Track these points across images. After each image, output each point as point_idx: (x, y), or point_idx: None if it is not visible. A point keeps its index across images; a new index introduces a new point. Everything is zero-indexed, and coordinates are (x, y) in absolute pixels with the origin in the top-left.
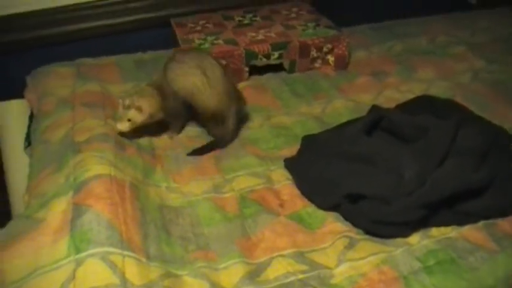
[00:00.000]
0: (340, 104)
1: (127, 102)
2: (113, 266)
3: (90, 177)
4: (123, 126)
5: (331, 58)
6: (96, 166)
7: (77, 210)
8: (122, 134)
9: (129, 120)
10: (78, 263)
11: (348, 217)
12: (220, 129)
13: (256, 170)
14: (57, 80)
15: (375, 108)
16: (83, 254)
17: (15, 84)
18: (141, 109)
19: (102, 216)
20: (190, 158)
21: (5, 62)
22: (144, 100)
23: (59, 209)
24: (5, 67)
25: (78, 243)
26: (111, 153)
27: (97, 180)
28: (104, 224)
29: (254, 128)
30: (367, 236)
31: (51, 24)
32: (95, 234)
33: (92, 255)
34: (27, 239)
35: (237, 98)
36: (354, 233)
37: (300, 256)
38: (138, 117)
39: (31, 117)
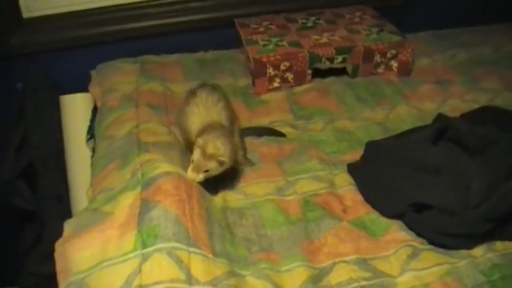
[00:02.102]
0: (404, 111)
1: (209, 150)
2: (178, 261)
3: (159, 174)
4: (198, 178)
5: (394, 64)
6: (165, 164)
7: (145, 205)
8: None
9: (206, 171)
10: (145, 258)
11: (412, 226)
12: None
13: (319, 174)
14: (121, 76)
15: (441, 117)
16: (150, 249)
17: (80, 78)
18: (224, 164)
19: (169, 212)
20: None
21: (71, 56)
22: (228, 151)
23: (126, 204)
24: (70, 61)
25: (145, 238)
26: (178, 160)
27: (166, 177)
28: (171, 219)
29: (316, 130)
30: (430, 247)
31: (116, 21)
32: (162, 229)
33: (158, 250)
34: (95, 231)
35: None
36: (417, 242)
37: (363, 263)
38: (217, 171)
39: (94, 110)
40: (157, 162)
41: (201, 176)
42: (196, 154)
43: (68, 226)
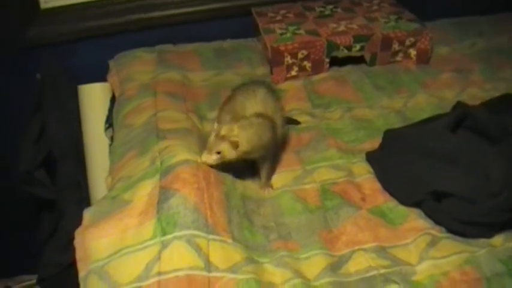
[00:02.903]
0: (423, 99)
1: (223, 131)
2: (198, 249)
3: (178, 162)
4: (209, 159)
5: (413, 52)
6: (183, 153)
7: (164, 193)
8: None
9: (218, 153)
10: (164, 245)
11: (430, 214)
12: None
13: (338, 163)
14: (139, 65)
15: (459, 105)
16: (169, 236)
17: (98, 68)
18: (237, 145)
19: (188, 200)
20: None
21: (89, 46)
22: (245, 135)
23: (145, 192)
24: (89, 51)
25: (165, 226)
26: (196, 145)
27: (184, 165)
28: (190, 207)
29: (334, 119)
30: (449, 235)
31: (133, 11)
32: (181, 217)
33: (178, 237)
34: (114, 219)
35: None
36: (436, 231)
37: (381, 251)
38: (230, 154)
39: (112, 100)
40: (175, 150)
41: (213, 158)
42: (211, 137)
43: (88, 214)
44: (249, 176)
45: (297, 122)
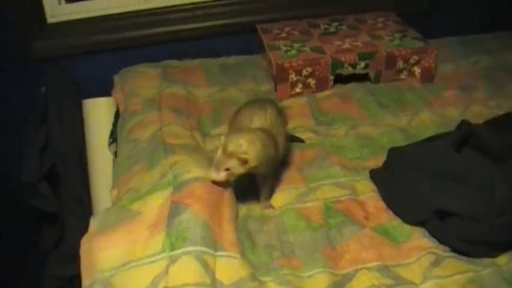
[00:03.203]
0: (427, 117)
1: (230, 148)
2: (205, 265)
3: (192, 179)
4: (219, 176)
5: (417, 70)
6: (197, 169)
7: (176, 208)
8: None
9: (227, 169)
10: (173, 260)
11: (434, 233)
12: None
13: (341, 180)
14: (144, 81)
15: (464, 124)
16: (178, 251)
17: (103, 83)
18: (246, 161)
19: (199, 216)
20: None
21: (94, 61)
22: (253, 150)
23: (155, 204)
24: (94, 66)
25: (174, 241)
26: (204, 161)
27: (199, 182)
28: (200, 224)
29: (338, 136)
30: (453, 254)
31: (139, 26)
32: (191, 233)
33: (186, 253)
34: (122, 230)
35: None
36: (440, 250)
37: (385, 270)
38: (239, 170)
39: (116, 115)
40: (188, 166)
41: (222, 175)
42: (218, 153)
43: (95, 222)
44: (252, 197)
45: (301, 140)
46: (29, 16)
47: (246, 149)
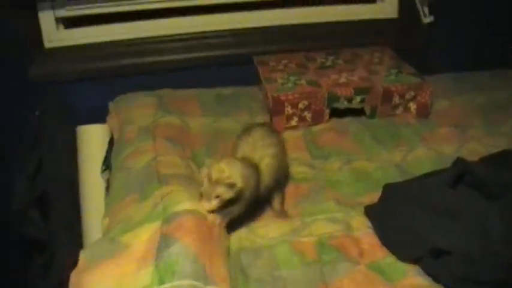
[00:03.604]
0: (422, 153)
1: (214, 176)
2: None
3: (183, 211)
4: (211, 205)
5: (413, 106)
6: (188, 201)
7: (165, 241)
8: None
9: (217, 197)
10: None
11: (429, 271)
12: None
13: (336, 216)
14: (139, 109)
15: (459, 161)
16: (167, 285)
17: (98, 109)
18: (233, 185)
19: (189, 249)
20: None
21: (90, 87)
22: (235, 172)
23: (144, 237)
24: (89, 92)
25: (163, 274)
26: (198, 192)
27: (189, 215)
28: (190, 257)
29: (333, 170)
30: None
31: (135, 54)
32: (180, 266)
33: (175, 287)
34: (111, 264)
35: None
36: None
37: None
38: (229, 194)
39: (110, 142)
40: (180, 197)
41: (214, 203)
42: (204, 183)
43: (84, 255)
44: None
45: None
46: (26, 40)
47: (229, 173)
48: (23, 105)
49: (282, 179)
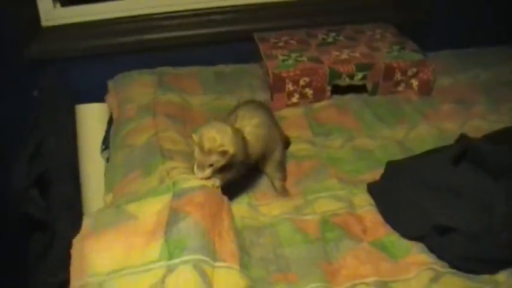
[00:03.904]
0: (424, 130)
1: (206, 145)
2: (203, 275)
3: (193, 187)
4: (205, 174)
5: (415, 83)
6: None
7: (175, 215)
8: None
9: (210, 165)
10: (170, 269)
11: (433, 249)
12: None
13: (338, 193)
14: (138, 87)
15: (463, 138)
16: (176, 260)
17: (97, 88)
18: (226, 153)
19: (198, 225)
20: None
21: (89, 66)
22: (228, 137)
23: (153, 210)
24: (88, 71)
25: (172, 249)
26: None
27: (200, 190)
28: (199, 232)
29: (335, 147)
30: (452, 270)
31: (134, 32)
32: (190, 242)
33: (184, 262)
34: (118, 233)
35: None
36: (439, 266)
37: (383, 285)
38: (222, 162)
39: (110, 121)
40: (187, 173)
41: (207, 172)
42: (196, 152)
43: (87, 222)
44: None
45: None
46: (24, 19)
47: (221, 141)
48: (21, 85)
49: (273, 148)
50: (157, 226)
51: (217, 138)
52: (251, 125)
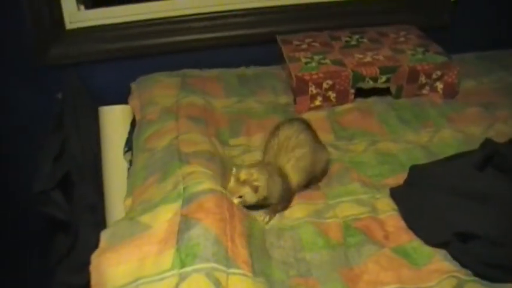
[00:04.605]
0: (449, 134)
1: (243, 176)
2: (217, 283)
3: (202, 191)
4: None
5: (439, 86)
6: (208, 181)
7: (186, 222)
8: None
9: (240, 197)
10: (182, 277)
11: (456, 256)
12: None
13: (361, 198)
14: (161, 89)
15: (488, 142)
16: (188, 269)
17: (120, 90)
18: (258, 190)
19: (210, 231)
20: None
21: (112, 68)
22: (263, 179)
23: (165, 218)
24: (111, 73)
25: (184, 257)
26: (218, 173)
27: (209, 195)
28: (211, 239)
29: (358, 151)
30: (476, 278)
31: (157, 34)
32: (201, 249)
33: (197, 270)
34: (132, 245)
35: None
36: (462, 273)
37: None
38: (252, 198)
39: (133, 123)
40: (200, 177)
41: (235, 202)
42: (231, 181)
43: (105, 237)
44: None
45: None
46: (48, 22)
47: (257, 177)
48: (45, 87)
49: (319, 172)
50: (169, 234)
51: (255, 174)
52: (294, 158)
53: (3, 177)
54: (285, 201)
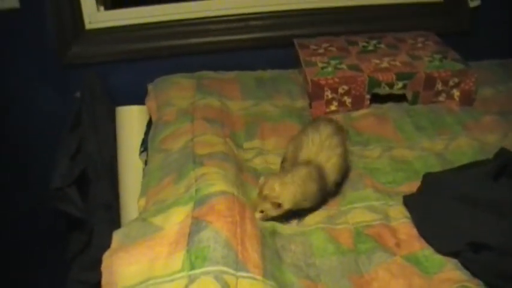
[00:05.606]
0: (464, 142)
1: (264, 191)
2: (225, 286)
3: (214, 193)
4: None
5: (456, 93)
6: (220, 182)
7: (197, 225)
8: None
9: (261, 211)
10: (191, 280)
11: (468, 266)
12: None
13: (374, 204)
14: (178, 91)
15: (503, 152)
16: (197, 271)
17: (137, 91)
18: (279, 205)
19: (220, 234)
20: None
21: (130, 69)
22: (286, 194)
23: (177, 219)
24: (129, 73)
25: (194, 259)
26: (233, 173)
27: (220, 197)
28: (221, 242)
29: (372, 157)
30: None
31: (175, 36)
32: (211, 251)
33: (206, 273)
34: (144, 246)
35: None
36: (473, 284)
37: None
38: (273, 213)
39: (149, 124)
40: (212, 179)
41: (257, 216)
42: (254, 193)
43: (117, 237)
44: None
45: None
46: (68, 22)
47: (278, 194)
48: (64, 86)
49: (346, 173)
50: (180, 236)
51: (277, 190)
52: (336, 156)
53: (24, 175)
54: (317, 203)
